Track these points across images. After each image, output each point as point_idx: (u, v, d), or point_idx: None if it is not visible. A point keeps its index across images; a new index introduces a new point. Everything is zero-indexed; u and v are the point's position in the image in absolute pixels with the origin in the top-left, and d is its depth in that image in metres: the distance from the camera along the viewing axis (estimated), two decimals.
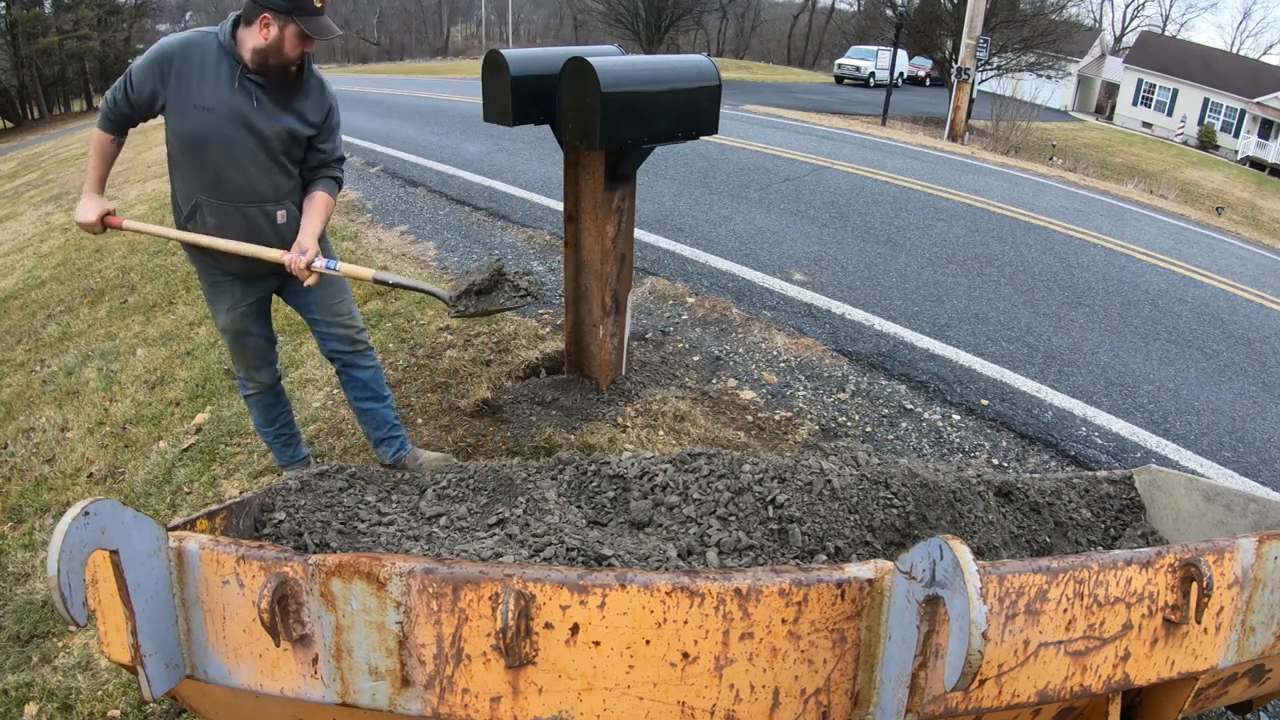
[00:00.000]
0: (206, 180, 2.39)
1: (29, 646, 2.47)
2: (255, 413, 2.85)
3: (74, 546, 1.06)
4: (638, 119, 2.78)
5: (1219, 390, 4.24)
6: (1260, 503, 1.97)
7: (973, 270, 5.70)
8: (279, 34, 2.28)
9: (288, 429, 2.93)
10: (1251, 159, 31.83)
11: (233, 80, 2.32)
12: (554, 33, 58.77)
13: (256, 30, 2.28)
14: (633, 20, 36.57)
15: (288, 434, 2.93)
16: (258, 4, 2.25)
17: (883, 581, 1.13)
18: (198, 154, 2.36)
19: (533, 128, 3.03)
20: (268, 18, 2.26)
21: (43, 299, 5.56)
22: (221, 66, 2.32)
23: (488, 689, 1.14)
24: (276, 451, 2.96)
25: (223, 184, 2.40)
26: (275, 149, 2.43)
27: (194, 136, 2.33)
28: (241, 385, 2.80)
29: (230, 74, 2.32)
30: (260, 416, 2.85)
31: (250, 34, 2.30)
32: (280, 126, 2.41)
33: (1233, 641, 1.36)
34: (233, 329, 2.61)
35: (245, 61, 2.32)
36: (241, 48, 2.32)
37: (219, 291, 2.57)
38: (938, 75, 31.16)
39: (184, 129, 2.33)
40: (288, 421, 2.92)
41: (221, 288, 2.56)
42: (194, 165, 2.38)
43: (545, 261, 5.11)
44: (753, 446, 3.21)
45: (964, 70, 16.90)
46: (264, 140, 2.39)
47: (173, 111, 2.32)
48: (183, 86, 2.30)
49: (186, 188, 2.43)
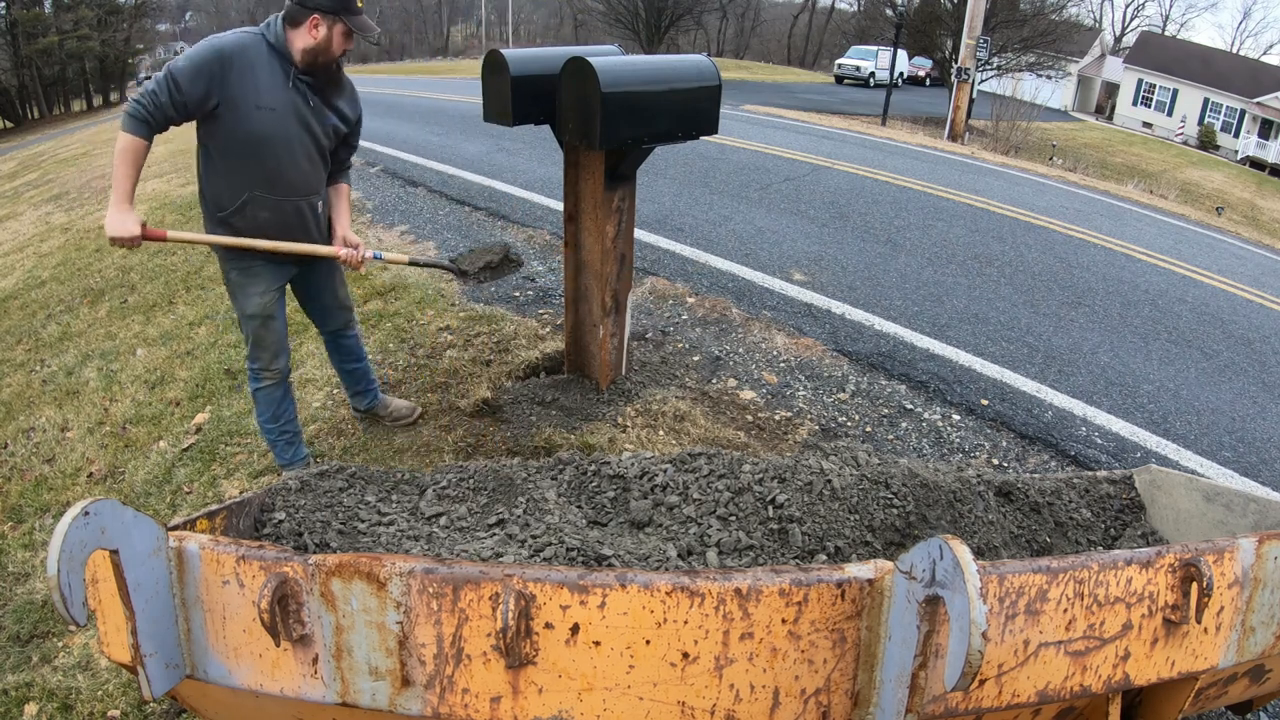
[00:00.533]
0: (262, 176, 2.49)
1: (29, 646, 2.47)
2: (263, 407, 2.85)
3: (74, 546, 1.05)
4: (638, 119, 2.78)
5: (1219, 390, 4.24)
6: (1260, 503, 1.97)
7: (973, 270, 5.70)
8: (327, 33, 2.42)
9: (291, 426, 2.94)
10: (1251, 159, 31.82)
11: (287, 80, 2.45)
12: (554, 33, 58.77)
13: (305, 31, 2.41)
14: (633, 20, 36.57)
15: (291, 431, 2.94)
16: (305, 6, 2.38)
17: (883, 581, 1.13)
18: (255, 151, 2.46)
19: (533, 128, 3.04)
20: (317, 18, 2.39)
21: (43, 299, 5.56)
22: (275, 67, 2.43)
23: (488, 689, 1.14)
24: (278, 449, 2.95)
25: (279, 179, 2.52)
26: (324, 145, 2.61)
27: (256, 135, 2.43)
28: (254, 377, 2.81)
29: (285, 74, 2.45)
30: (268, 411, 2.85)
31: (299, 35, 2.42)
32: (329, 124, 2.60)
33: (1233, 641, 1.36)
34: (263, 313, 2.68)
35: (296, 62, 2.44)
36: (290, 48, 2.44)
37: (251, 277, 2.64)
38: (938, 75, 31.16)
39: (244, 128, 2.41)
40: (292, 418, 2.94)
41: (254, 272, 2.64)
42: (249, 162, 2.47)
43: (545, 261, 5.11)
44: (753, 446, 3.21)
45: (964, 70, 16.90)
46: (315, 137, 2.57)
47: (229, 111, 2.38)
48: (243, 87, 2.37)
49: (233, 184, 2.50)
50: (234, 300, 2.70)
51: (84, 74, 37.03)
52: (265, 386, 2.81)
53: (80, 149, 14.72)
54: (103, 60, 36.50)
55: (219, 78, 2.34)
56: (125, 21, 38.09)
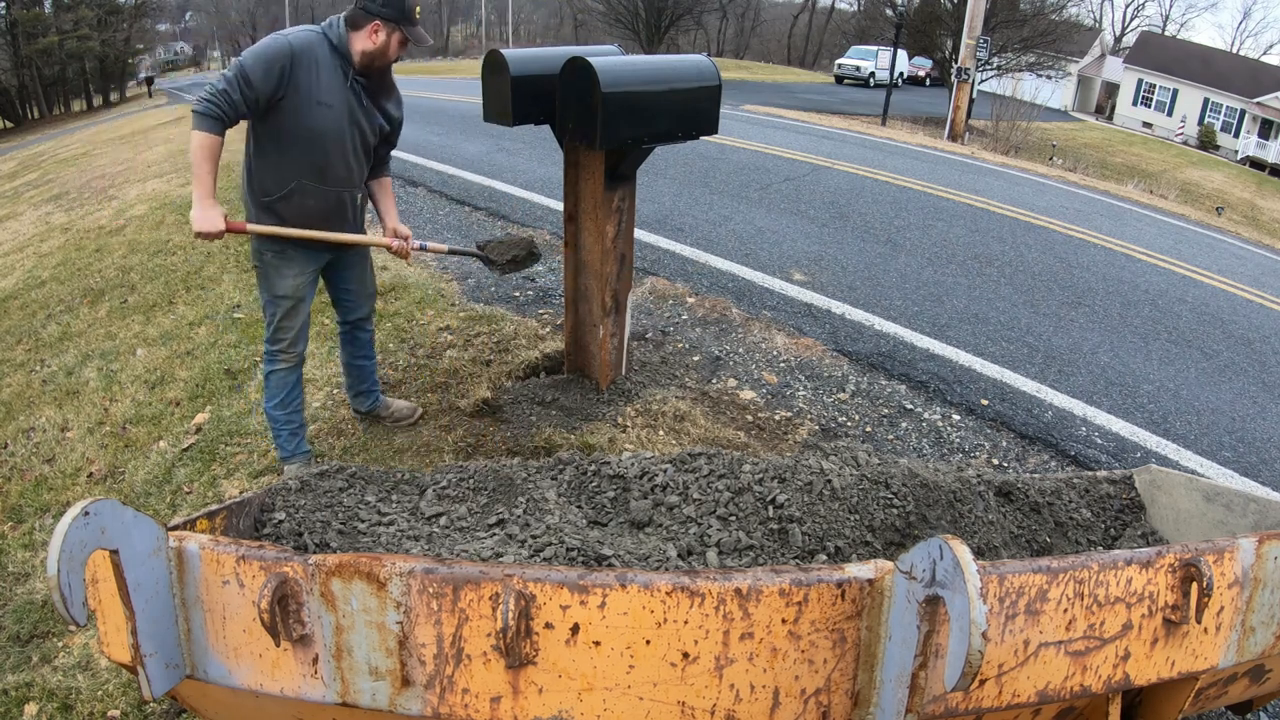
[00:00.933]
0: (313, 167, 2.62)
1: (29, 646, 2.47)
2: (275, 391, 2.88)
3: (74, 546, 1.05)
4: (638, 119, 2.78)
5: (1219, 390, 4.24)
6: (1260, 503, 1.97)
7: (973, 270, 5.70)
8: (386, 39, 2.56)
9: (298, 416, 2.97)
10: (1251, 159, 31.82)
11: (345, 80, 2.59)
12: (554, 33, 58.76)
13: (366, 35, 2.55)
14: (633, 20, 36.58)
15: (297, 422, 2.97)
16: (369, 12, 2.52)
17: (883, 581, 1.13)
18: (310, 144, 2.58)
19: (533, 128, 3.04)
20: (378, 25, 2.54)
21: (43, 299, 5.56)
22: (335, 66, 2.57)
23: (488, 689, 1.14)
24: (282, 440, 2.97)
25: (329, 171, 2.66)
26: (370, 143, 2.77)
27: (314, 129, 2.56)
28: (270, 359, 2.85)
29: (344, 74, 2.59)
30: (279, 395, 2.88)
31: (359, 38, 2.57)
32: (376, 123, 2.75)
33: (1233, 641, 1.36)
34: (295, 295, 2.77)
35: (355, 64, 2.59)
36: (350, 49, 2.57)
37: (286, 260, 2.72)
38: (938, 75, 31.15)
39: (305, 122, 2.54)
40: (299, 409, 2.97)
41: (289, 256, 2.73)
42: (303, 154, 2.59)
43: (545, 261, 5.11)
44: (753, 446, 3.21)
45: (964, 70, 16.90)
46: (364, 135, 2.71)
47: (292, 104, 2.51)
48: (307, 82, 2.51)
49: (282, 173, 2.61)
50: (264, 281, 2.77)
51: (84, 74, 37.03)
52: (280, 369, 2.85)
53: (80, 149, 14.72)
54: (103, 60, 36.50)
55: (288, 73, 2.46)
56: (125, 21, 38.11)
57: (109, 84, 38.76)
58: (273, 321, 2.80)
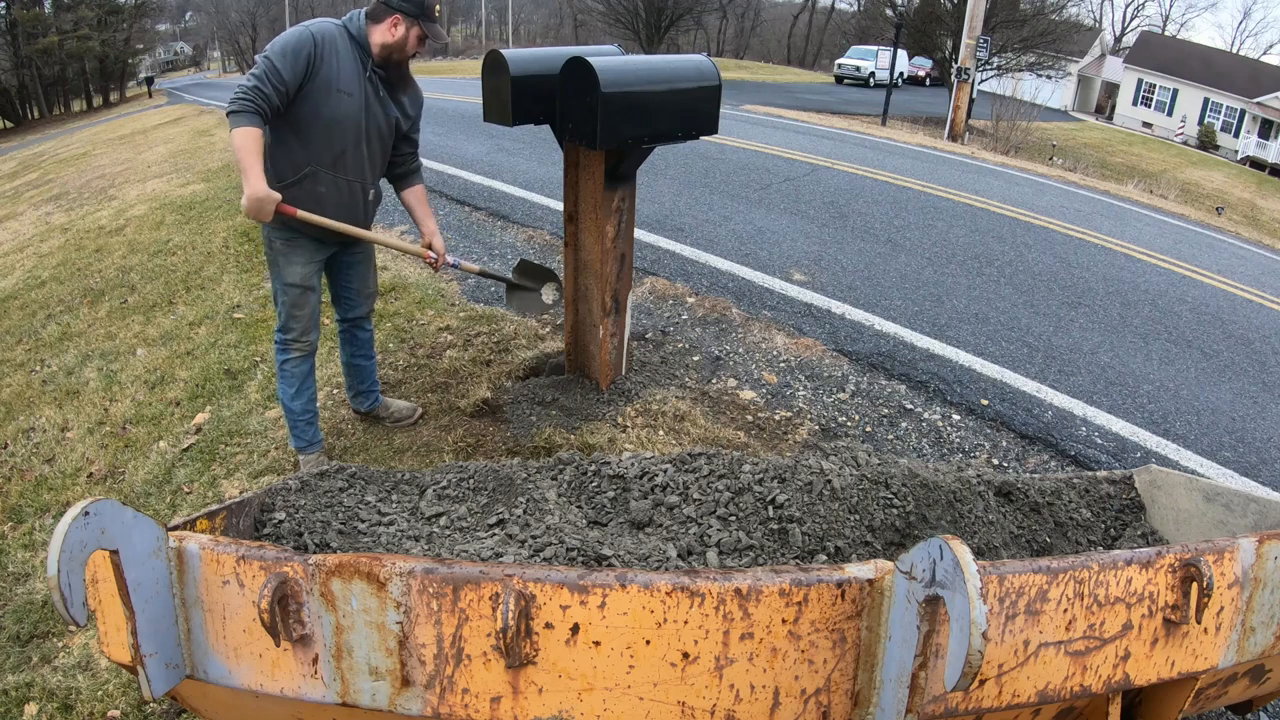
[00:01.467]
0: (329, 155, 2.66)
1: (29, 646, 2.47)
2: (289, 381, 2.89)
3: (74, 546, 1.06)
4: (638, 119, 2.78)
5: (1219, 390, 4.24)
6: (1260, 503, 1.97)
7: (973, 270, 5.70)
8: (404, 34, 2.61)
9: (312, 405, 2.99)
10: (1251, 159, 31.82)
11: (364, 70, 2.64)
12: (554, 33, 58.75)
13: (385, 28, 2.60)
14: (633, 20, 36.58)
15: (312, 411, 2.99)
16: (390, 6, 2.57)
17: (883, 581, 1.13)
18: (328, 132, 2.62)
19: (533, 128, 3.04)
20: (397, 18, 2.59)
21: (43, 299, 5.56)
22: (354, 57, 2.62)
23: (488, 689, 1.14)
24: (298, 430, 2.98)
25: (344, 160, 2.69)
26: (385, 136, 2.79)
27: (333, 116, 2.60)
28: (283, 349, 2.86)
29: (362, 65, 2.64)
30: (293, 386, 2.89)
31: (378, 30, 2.61)
32: (392, 116, 2.78)
33: (1233, 641, 1.36)
34: (304, 284, 2.80)
35: (373, 55, 2.63)
36: (369, 41, 2.62)
37: (296, 249, 2.76)
38: (938, 75, 31.16)
39: (325, 110, 2.58)
40: (313, 398, 2.98)
41: (300, 245, 2.76)
42: (320, 141, 2.63)
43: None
44: (753, 446, 3.21)
45: (964, 70, 16.90)
46: (379, 127, 2.74)
47: (314, 91, 2.55)
48: (329, 70, 2.56)
49: (298, 158, 2.65)
50: (274, 269, 2.80)
51: (84, 74, 37.03)
52: (293, 358, 2.87)
53: (80, 149, 14.72)
54: (103, 60, 36.50)
55: (313, 61, 2.52)
56: (125, 21, 38.10)
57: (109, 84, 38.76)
58: (284, 310, 2.83)
